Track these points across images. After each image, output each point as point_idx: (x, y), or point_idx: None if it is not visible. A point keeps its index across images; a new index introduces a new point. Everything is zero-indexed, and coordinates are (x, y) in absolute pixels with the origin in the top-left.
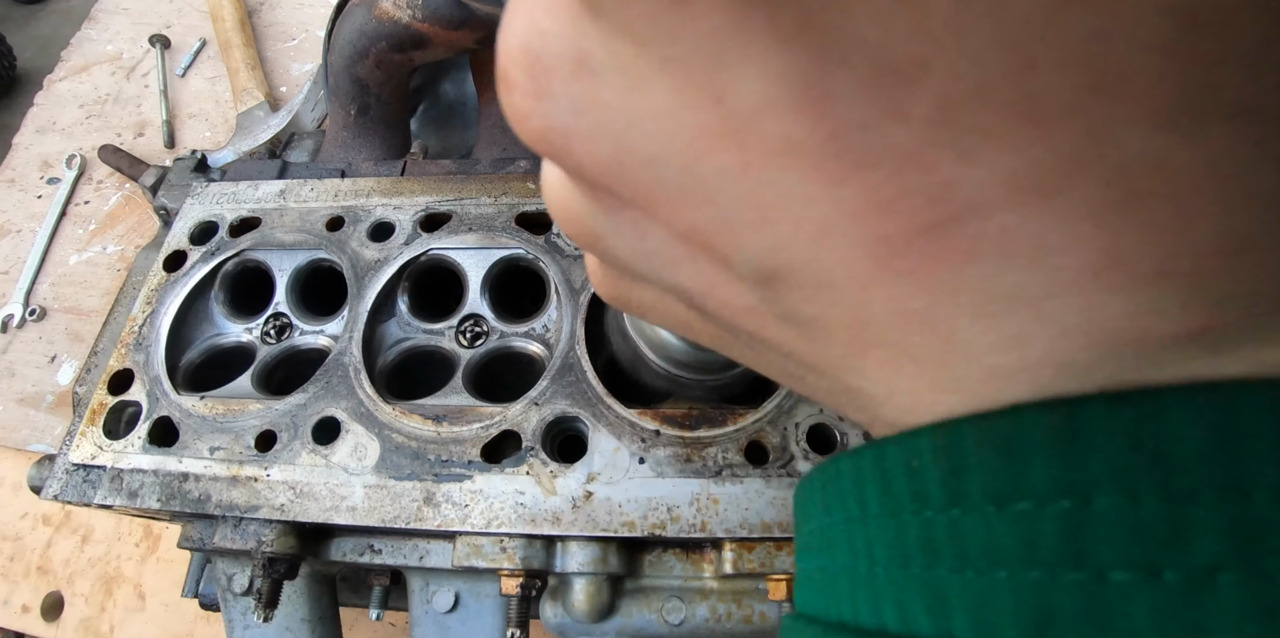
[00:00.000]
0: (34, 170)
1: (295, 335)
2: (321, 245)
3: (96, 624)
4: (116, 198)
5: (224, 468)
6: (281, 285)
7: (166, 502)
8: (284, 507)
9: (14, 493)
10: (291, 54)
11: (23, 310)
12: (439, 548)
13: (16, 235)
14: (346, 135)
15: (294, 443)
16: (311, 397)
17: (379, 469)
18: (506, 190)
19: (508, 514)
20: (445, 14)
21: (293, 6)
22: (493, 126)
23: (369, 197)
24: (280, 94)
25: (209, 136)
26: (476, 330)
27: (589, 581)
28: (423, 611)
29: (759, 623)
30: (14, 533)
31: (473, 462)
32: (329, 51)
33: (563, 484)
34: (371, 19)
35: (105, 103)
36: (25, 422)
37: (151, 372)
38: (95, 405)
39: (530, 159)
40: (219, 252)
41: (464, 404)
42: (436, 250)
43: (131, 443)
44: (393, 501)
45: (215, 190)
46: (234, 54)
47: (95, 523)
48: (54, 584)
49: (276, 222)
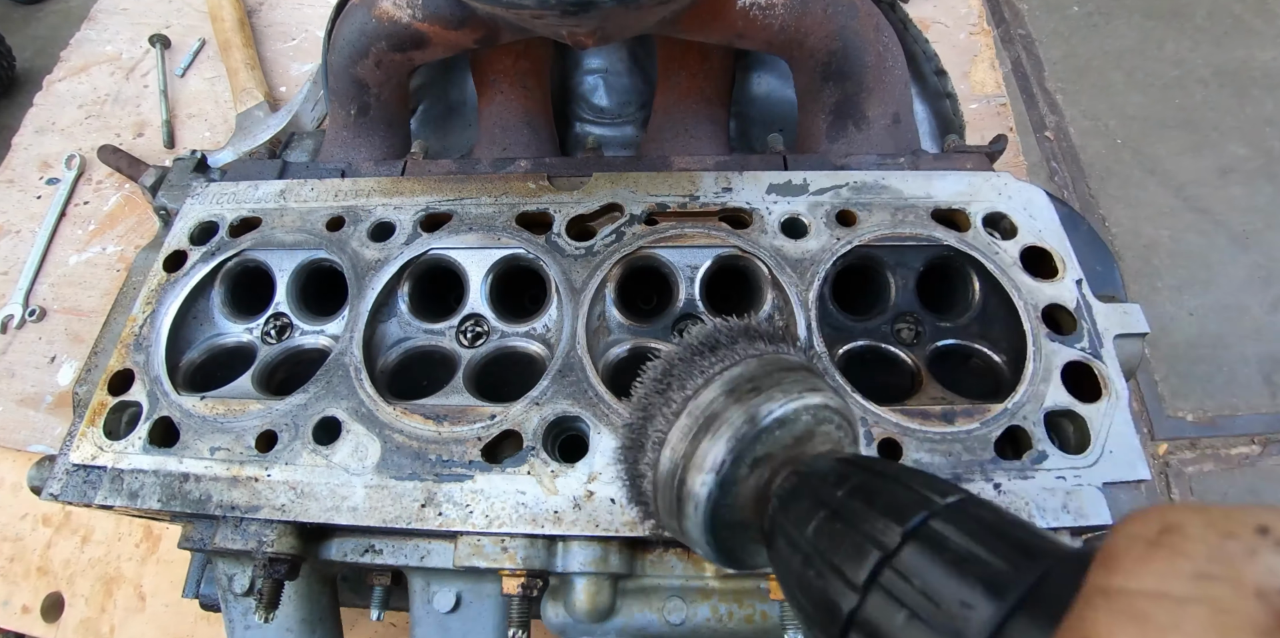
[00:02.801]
0: (33, 171)
1: (296, 335)
2: (322, 245)
3: (96, 625)
4: (116, 198)
5: (224, 468)
6: (282, 285)
7: (167, 502)
8: (285, 507)
9: (14, 494)
10: (291, 54)
11: (22, 311)
12: (440, 548)
13: (16, 236)
14: (346, 135)
15: (295, 443)
16: (312, 397)
17: (380, 469)
18: (507, 190)
19: (509, 514)
20: (445, 13)
21: (292, 6)
22: (493, 126)
23: (369, 196)
24: (280, 94)
25: (209, 137)
26: (477, 330)
27: (590, 580)
28: (424, 611)
29: (760, 623)
30: (14, 534)
31: (474, 462)
32: (329, 51)
33: (564, 484)
34: (371, 19)
35: (105, 103)
36: (25, 422)
37: (152, 372)
38: (95, 406)
39: (530, 159)
40: (219, 252)
41: (464, 404)
42: (437, 250)
43: (132, 443)
44: (394, 501)
45: (215, 190)
46: (234, 54)
47: (95, 524)
48: (54, 585)
49: (277, 222)
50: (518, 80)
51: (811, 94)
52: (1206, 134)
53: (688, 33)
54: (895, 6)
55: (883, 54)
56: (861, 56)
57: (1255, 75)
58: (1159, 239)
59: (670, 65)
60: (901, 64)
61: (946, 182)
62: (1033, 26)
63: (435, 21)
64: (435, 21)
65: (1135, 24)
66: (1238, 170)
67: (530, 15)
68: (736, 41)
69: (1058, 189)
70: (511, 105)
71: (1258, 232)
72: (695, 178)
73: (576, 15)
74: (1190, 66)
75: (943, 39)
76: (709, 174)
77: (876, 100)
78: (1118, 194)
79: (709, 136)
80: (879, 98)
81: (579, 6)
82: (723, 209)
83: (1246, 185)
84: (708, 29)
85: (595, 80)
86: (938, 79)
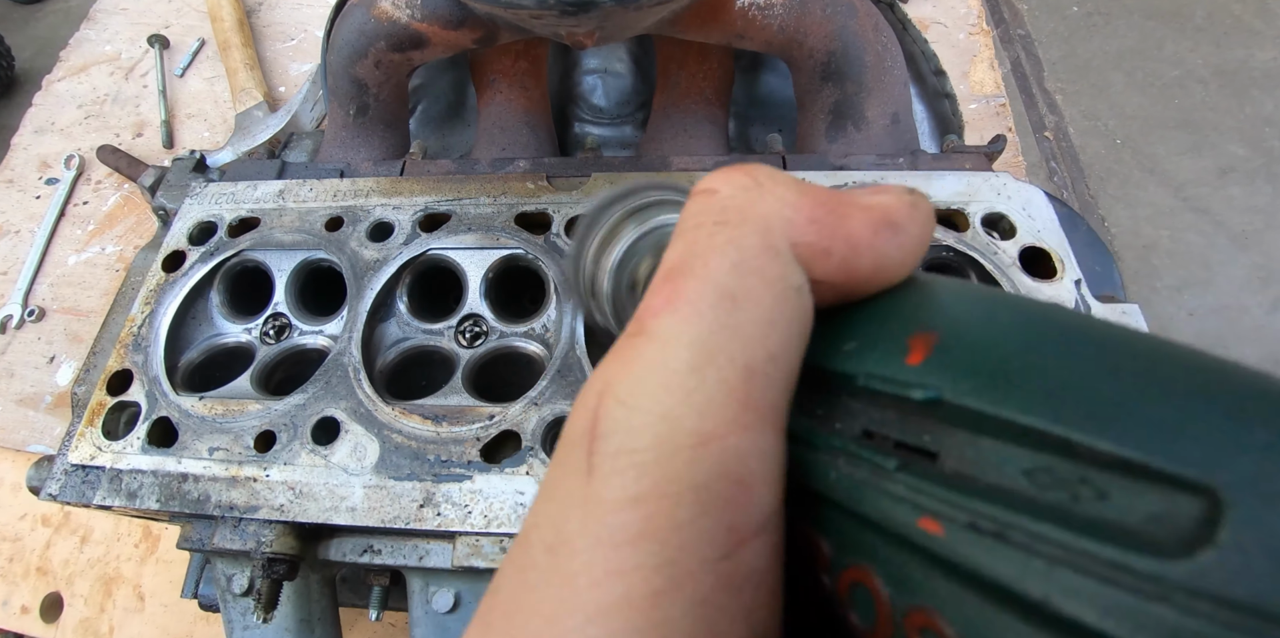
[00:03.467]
0: (33, 171)
1: (294, 336)
2: (321, 245)
3: (96, 625)
4: (115, 198)
5: (223, 468)
6: (281, 285)
7: (166, 503)
8: (283, 507)
9: (13, 494)
10: (290, 54)
11: (21, 311)
12: (439, 548)
13: (15, 236)
14: (345, 135)
15: (293, 443)
16: (311, 397)
17: (379, 470)
18: (506, 190)
19: (507, 514)
20: (444, 13)
21: (291, 6)
22: (491, 126)
23: (368, 197)
24: (279, 94)
25: (207, 137)
26: (476, 330)
27: None
28: (423, 611)
29: None
30: (13, 534)
31: (472, 462)
32: (328, 51)
33: None
34: (370, 19)
35: (104, 103)
36: (24, 422)
37: (150, 372)
38: (94, 406)
39: (529, 159)
40: (218, 252)
41: (463, 404)
42: (436, 250)
43: (130, 444)
44: (392, 501)
45: (214, 190)
46: (233, 54)
47: (94, 524)
48: (53, 585)
49: (275, 222)
50: (517, 80)
51: (810, 94)
52: (1206, 134)
53: (687, 33)
54: (895, 6)
55: (882, 54)
56: (861, 57)
57: (1255, 75)
58: (1158, 239)
59: (670, 65)
60: (901, 64)
61: (945, 182)
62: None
63: (434, 21)
64: (434, 21)
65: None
66: (1237, 170)
67: (529, 15)
68: (736, 42)
69: (1057, 189)
70: (510, 105)
71: (1257, 232)
72: (695, 178)
73: (576, 15)
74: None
75: (942, 39)
76: (708, 174)
77: (876, 100)
78: (1117, 194)
79: (708, 137)
80: (878, 98)
81: (578, 6)
82: None
83: (1246, 185)
84: (707, 29)
85: (594, 80)
86: (937, 79)
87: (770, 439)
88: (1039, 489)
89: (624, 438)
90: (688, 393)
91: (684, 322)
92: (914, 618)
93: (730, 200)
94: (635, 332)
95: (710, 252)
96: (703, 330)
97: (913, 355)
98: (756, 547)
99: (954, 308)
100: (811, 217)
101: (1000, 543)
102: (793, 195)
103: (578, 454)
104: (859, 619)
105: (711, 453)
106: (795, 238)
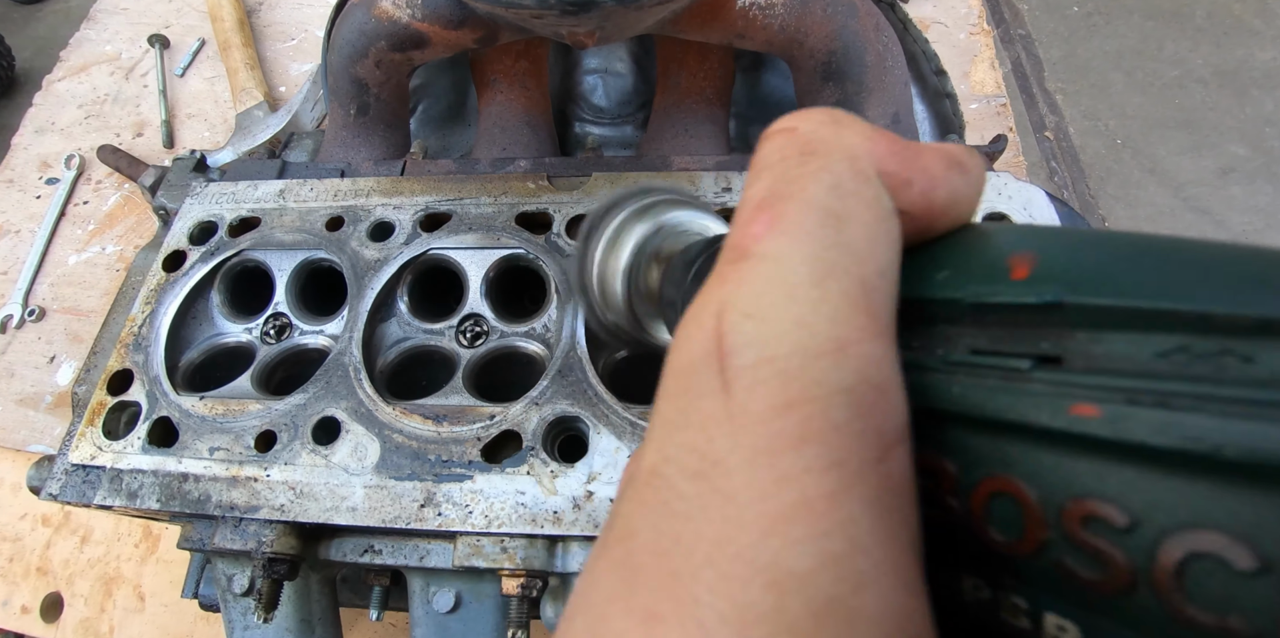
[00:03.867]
0: (33, 170)
1: (295, 335)
2: (321, 245)
3: (96, 625)
4: (115, 198)
5: (224, 468)
6: (281, 285)
7: (166, 502)
8: (284, 507)
9: (13, 494)
10: (290, 54)
11: (22, 311)
12: (439, 548)
13: (15, 236)
14: (346, 135)
15: (294, 443)
16: (311, 397)
17: (379, 469)
18: (506, 190)
19: (508, 514)
20: (445, 13)
21: (292, 6)
22: (492, 126)
23: (369, 196)
24: (279, 94)
25: (208, 136)
26: (476, 330)
27: None
28: (423, 611)
29: None
30: (13, 534)
31: (473, 462)
32: (328, 51)
33: (563, 484)
34: (371, 18)
35: (104, 103)
36: (24, 422)
37: (151, 372)
38: (95, 406)
39: (529, 159)
40: (218, 252)
41: (464, 404)
42: (436, 250)
43: (131, 443)
44: (393, 501)
45: (214, 190)
46: (233, 54)
47: (94, 524)
48: (53, 585)
49: (276, 221)
50: (517, 80)
51: (811, 94)
52: (1206, 134)
53: (688, 33)
54: (895, 6)
55: (882, 54)
56: (861, 57)
57: (1255, 75)
58: None
59: (670, 65)
60: (901, 64)
61: None
62: (1032, 27)
63: (435, 21)
64: (435, 21)
65: (1135, 24)
66: (1238, 170)
67: (530, 15)
68: (736, 41)
69: (1057, 189)
70: (511, 105)
71: (1258, 232)
72: (695, 178)
73: (576, 15)
74: (1190, 67)
75: (943, 39)
76: (709, 174)
77: (876, 100)
78: (1117, 194)
79: (709, 136)
80: (879, 98)
81: (579, 6)
82: (723, 209)
83: (1246, 185)
84: (708, 29)
85: (595, 80)
86: (937, 79)
87: (894, 350)
88: (1180, 368)
89: (760, 348)
90: (815, 303)
91: (794, 241)
92: (1072, 511)
93: (813, 134)
94: (737, 257)
95: (804, 177)
96: (815, 247)
97: (1017, 272)
98: (900, 455)
99: (1040, 232)
100: (890, 149)
101: (1168, 411)
102: (870, 130)
103: (706, 375)
104: (999, 533)
105: (850, 358)
106: (880, 167)
